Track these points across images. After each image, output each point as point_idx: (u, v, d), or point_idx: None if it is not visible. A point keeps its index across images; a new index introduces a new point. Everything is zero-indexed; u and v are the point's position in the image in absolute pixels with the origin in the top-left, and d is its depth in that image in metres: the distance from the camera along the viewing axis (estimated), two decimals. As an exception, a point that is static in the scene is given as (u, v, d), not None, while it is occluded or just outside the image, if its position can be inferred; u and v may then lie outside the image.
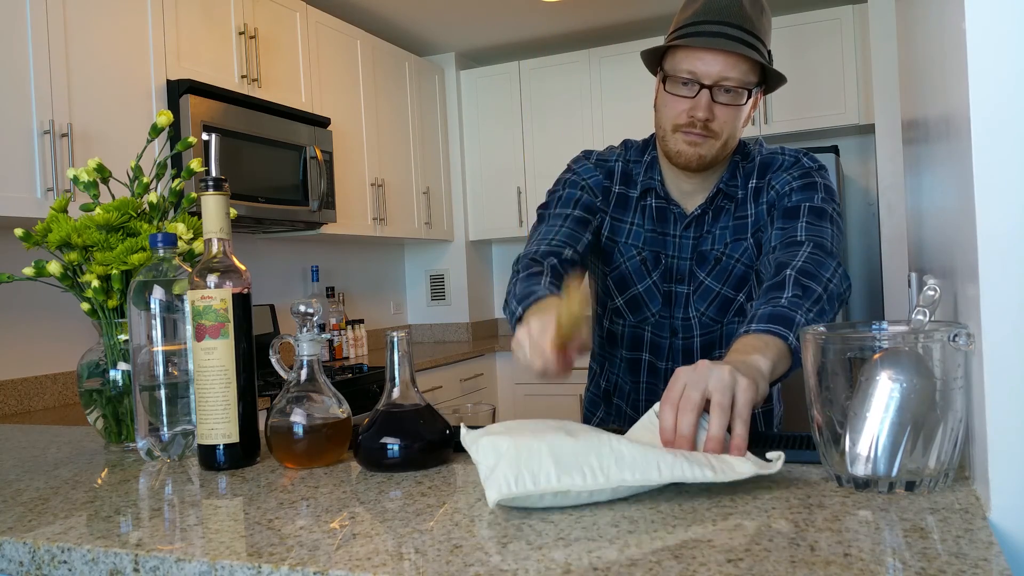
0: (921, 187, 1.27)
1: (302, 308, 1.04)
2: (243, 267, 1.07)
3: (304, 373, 1.05)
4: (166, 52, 2.66)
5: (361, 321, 3.98)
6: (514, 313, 1.17)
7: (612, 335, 1.48)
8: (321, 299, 3.81)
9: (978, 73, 0.69)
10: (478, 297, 4.69)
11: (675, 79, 1.25)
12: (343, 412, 1.05)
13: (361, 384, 3.09)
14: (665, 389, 0.91)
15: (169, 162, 1.35)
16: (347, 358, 3.82)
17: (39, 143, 2.21)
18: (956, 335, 0.73)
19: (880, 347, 0.80)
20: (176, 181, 1.30)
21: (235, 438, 1.04)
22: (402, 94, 4.11)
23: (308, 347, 1.05)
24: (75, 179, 1.26)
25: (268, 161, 2.99)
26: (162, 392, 1.10)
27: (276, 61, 3.19)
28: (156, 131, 1.29)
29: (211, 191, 1.05)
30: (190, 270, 1.08)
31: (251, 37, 3.02)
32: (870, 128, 3.79)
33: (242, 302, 1.06)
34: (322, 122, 3.32)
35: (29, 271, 1.21)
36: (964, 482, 0.80)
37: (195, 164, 1.31)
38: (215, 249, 1.06)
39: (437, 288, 4.60)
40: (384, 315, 4.45)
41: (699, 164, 1.29)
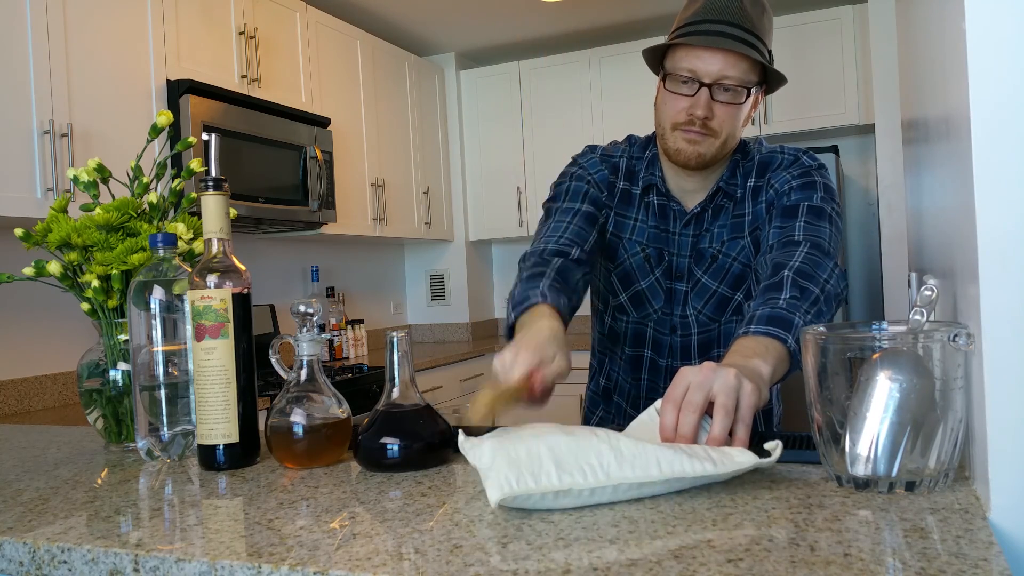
0: (921, 187, 1.27)
1: (302, 308, 1.04)
2: (243, 267, 1.07)
3: (304, 373, 1.05)
4: (166, 52, 2.66)
5: (361, 321, 3.98)
6: (508, 317, 1.19)
7: (614, 332, 1.48)
8: (321, 299, 3.81)
9: (978, 73, 0.69)
10: (478, 297, 4.69)
11: (675, 77, 1.26)
12: (343, 412, 1.05)
13: (361, 384, 3.09)
14: (668, 387, 0.91)
15: (169, 162, 1.35)
16: (347, 358, 3.82)
17: (39, 143, 2.21)
18: (956, 335, 0.73)
19: (880, 347, 0.80)
20: (176, 181, 1.30)
21: (235, 438, 1.04)
22: (402, 94, 4.11)
23: (308, 347, 1.05)
24: (75, 179, 1.26)
25: (268, 161, 2.99)
26: (162, 392, 1.10)
27: (276, 61, 3.19)
28: (156, 131, 1.29)
29: (211, 191, 1.05)
30: (190, 270, 1.08)
31: (251, 37, 3.02)
32: (870, 128, 3.79)
33: (242, 302, 1.06)
34: (322, 122, 3.32)
35: (29, 271, 1.21)
36: (964, 482, 0.80)
37: (195, 164, 1.31)
38: (215, 249, 1.06)
39: (437, 288, 4.60)
40: (384, 315, 4.45)
41: (698, 162, 1.29)
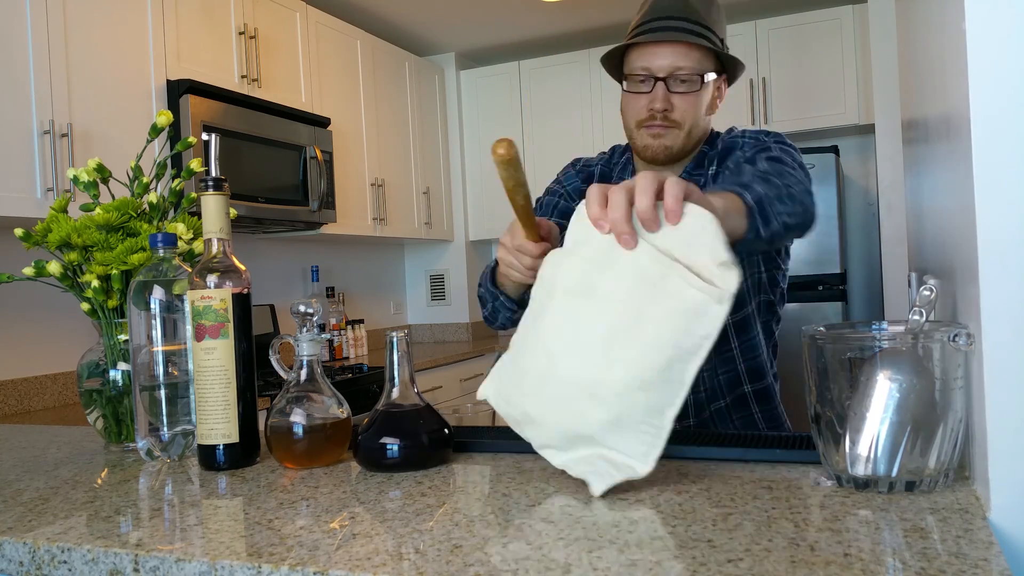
0: (921, 187, 1.27)
1: (302, 308, 1.04)
2: (243, 267, 1.07)
3: (304, 373, 1.05)
4: (166, 52, 2.66)
5: (361, 321, 3.98)
6: (484, 275, 1.26)
7: None
8: (321, 299, 3.81)
9: (978, 73, 0.69)
10: (478, 297, 4.68)
11: (632, 78, 1.31)
12: (343, 412, 1.05)
13: (361, 384, 3.09)
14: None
15: (169, 162, 1.35)
16: (347, 358, 3.82)
17: (39, 143, 2.21)
18: (956, 335, 0.73)
19: (880, 347, 0.80)
20: (176, 181, 1.30)
21: (235, 438, 1.04)
22: (402, 94, 4.11)
23: (308, 347, 1.05)
24: (75, 179, 1.26)
25: (268, 161, 2.99)
26: (162, 392, 1.10)
27: (276, 61, 3.19)
28: (156, 131, 1.29)
29: (211, 191, 1.05)
30: (190, 270, 1.08)
31: (251, 37, 3.02)
32: (870, 128, 3.79)
33: (242, 302, 1.06)
34: (322, 122, 3.32)
35: (29, 271, 1.21)
36: (964, 482, 0.80)
37: (195, 164, 1.31)
38: (215, 249, 1.06)
39: (437, 288, 4.60)
40: (384, 315, 4.45)
41: (666, 155, 1.33)
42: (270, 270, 3.61)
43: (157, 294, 1.10)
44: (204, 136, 2.69)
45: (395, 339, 1.00)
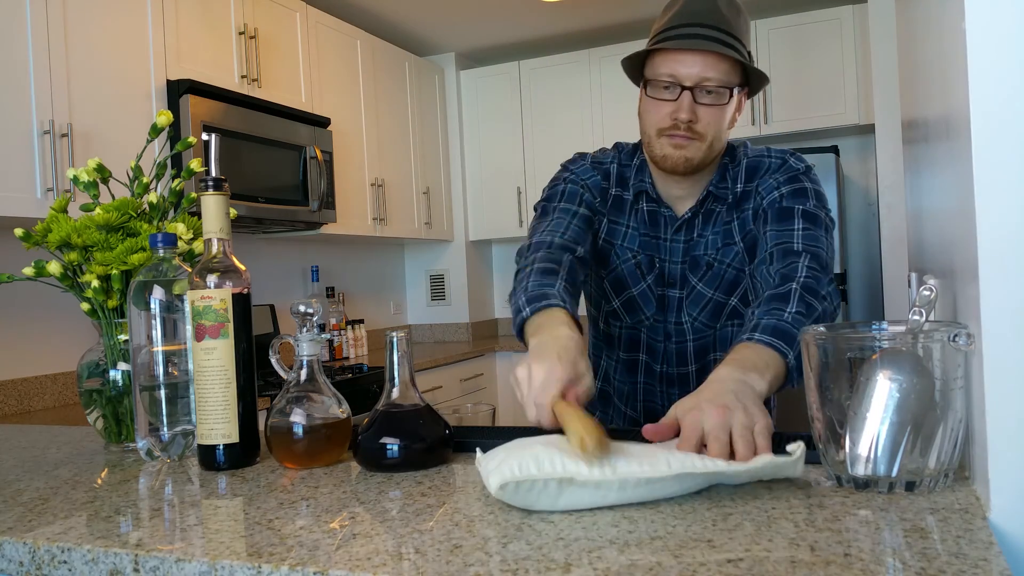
0: (921, 187, 1.27)
1: (302, 308, 1.04)
2: (243, 267, 1.07)
3: (304, 373, 1.05)
4: (166, 52, 2.66)
5: (361, 321, 3.98)
6: (520, 311, 1.14)
7: (609, 337, 1.48)
8: (321, 299, 3.81)
9: (978, 73, 0.69)
10: (478, 297, 4.69)
11: (656, 83, 1.26)
12: (343, 412, 1.05)
13: (361, 384, 3.09)
14: (683, 431, 0.86)
15: (169, 162, 1.35)
16: (347, 358, 3.82)
17: (39, 143, 2.21)
18: (956, 335, 0.73)
19: (879, 347, 0.80)
20: (176, 181, 1.30)
21: (235, 438, 1.04)
22: (402, 94, 4.11)
23: (308, 347, 1.05)
24: (75, 179, 1.26)
25: (268, 161, 2.99)
26: (162, 392, 1.10)
27: (276, 61, 3.19)
28: (156, 131, 1.29)
29: (211, 191, 1.05)
30: (190, 270, 1.08)
31: (251, 37, 3.02)
32: (870, 128, 3.79)
33: (242, 302, 1.06)
34: (322, 122, 3.32)
35: (29, 271, 1.21)
36: (964, 482, 0.80)
37: (195, 164, 1.31)
38: (215, 249, 1.06)
39: (437, 288, 4.60)
40: (384, 315, 4.45)
41: (686, 167, 1.28)
42: (270, 270, 3.61)
43: (157, 294, 1.10)
44: (204, 136, 2.69)
45: (395, 339, 1.00)
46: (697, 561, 0.63)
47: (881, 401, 0.76)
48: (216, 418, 1.03)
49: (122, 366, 1.19)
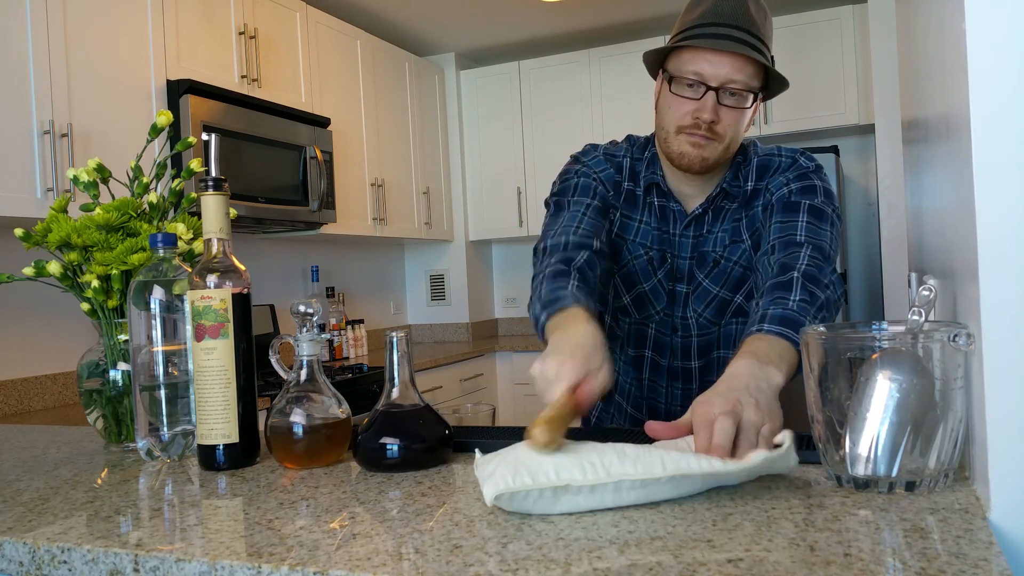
0: (921, 187, 1.27)
1: (302, 308, 1.04)
2: (243, 267, 1.07)
3: (304, 373, 1.05)
4: (166, 52, 2.66)
5: (361, 321, 3.98)
6: (538, 319, 1.15)
7: (614, 333, 1.48)
8: (321, 299, 3.81)
9: (978, 73, 0.69)
10: (478, 297, 4.69)
11: (680, 80, 1.24)
12: (343, 412, 1.05)
13: (361, 384, 3.09)
14: (696, 419, 0.87)
15: (169, 162, 1.35)
16: (347, 358, 3.82)
17: (39, 143, 2.21)
18: (956, 335, 0.73)
19: (879, 347, 0.80)
20: (176, 181, 1.30)
21: (235, 438, 1.04)
22: (402, 94, 4.11)
23: (308, 347, 1.05)
24: (75, 179, 1.26)
25: (268, 161, 2.99)
26: (162, 392, 1.10)
27: (276, 61, 3.19)
28: (156, 131, 1.29)
29: (211, 191, 1.05)
30: (190, 270, 1.08)
31: (251, 37, 3.02)
32: (870, 128, 3.79)
33: (242, 302, 1.06)
34: (322, 122, 3.32)
35: (29, 271, 1.21)
36: (964, 482, 0.80)
37: (195, 164, 1.31)
38: (215, 249, 1.06)
39: (437, 288, 4.60)
40: (384, 315, 4.45)
41: (701, 167, 1.28)
42: (270, 270, 3.61)
43: (157, 294, 1.10)
44: (204, 136, 2.68)
45: (395, 339, 1.00)
46: (697, 561, 0.63)
47: (881, 401, 0.76)
48: (216, 418, 1.03)
49: (122, 366, 1.19)
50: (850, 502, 0.76)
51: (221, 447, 1.03)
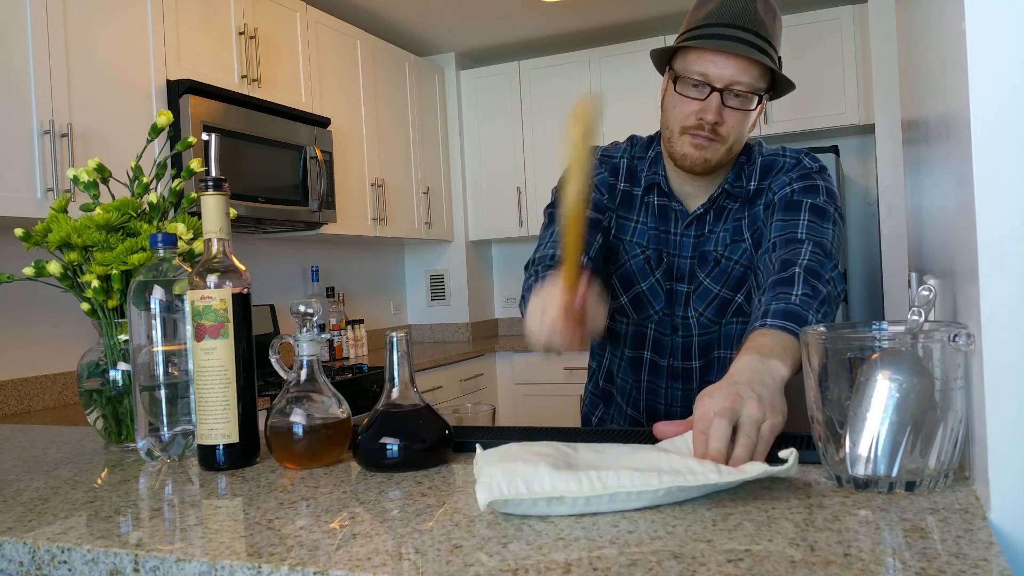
0: (921, 187, 1.27)
1: (302, 308, 1.04)
2: (243, 267, 1.07)
3: (304, 373, 1.05)
4: (166, 52, 2.66)
5: (361, 321, 3.98)
6: (525, 304, 1.15)
7: (614, 333, 1.48)
8: (321, 299, 3.81)
9: (978, 73, 0.69)
10: (478, 297, 4.69)
11: (686, 80, 1.24)
12: (343, 412, 1.05)
13: (361, 384, 3.09)
14: (695, 418, 0.87)
15: (169, 162, 1.35)
16: (347, 358, 3.82)
17: (39, 143, 2.21)
18: (956, 335, 0.73)
19: (879, 347, 0.80)
20: (176, 181, 1.30)
21: (235, 438, 1.04)
22: (402, 94, 4.11)
23: (308, 347, 1.05)
24: (75, 179, 1.26)
25: (268, 161, 2.99)
26: (162, 392, 1.10)
27: (276, 61, 3.19)
28: (156, 131, 1.29)
29: (211, 191, 1.05)
30: (190, 270, 1.08)
31: (251, 37, 3.02)
32: (870, 128, 3.79)
33: (242, 302, 1.06)
34: (322, 122, 3.32)
35: (29, 271, 1.21)
36: (964, 482, 0.80)
37: (195, 164, 1.31)
38: (215, 249, 1.06)
39: (437, 288, 4.61)
40: (384, 315, 4.45)
41: (704, 168, 1.28)
42: (270, 270, 3.61)
43: (157, 294, 1.10)
44: (204, 136, 2.69)
45: (395, 339, 1.00)
46: (697, 561, 0.63)
47: (881, 401, 0.76)
48: (216, 418, 1.03)
49: (122, 366, 1.19)
50: (850, 502, 0.76)
51: (221, 447, 1.03)
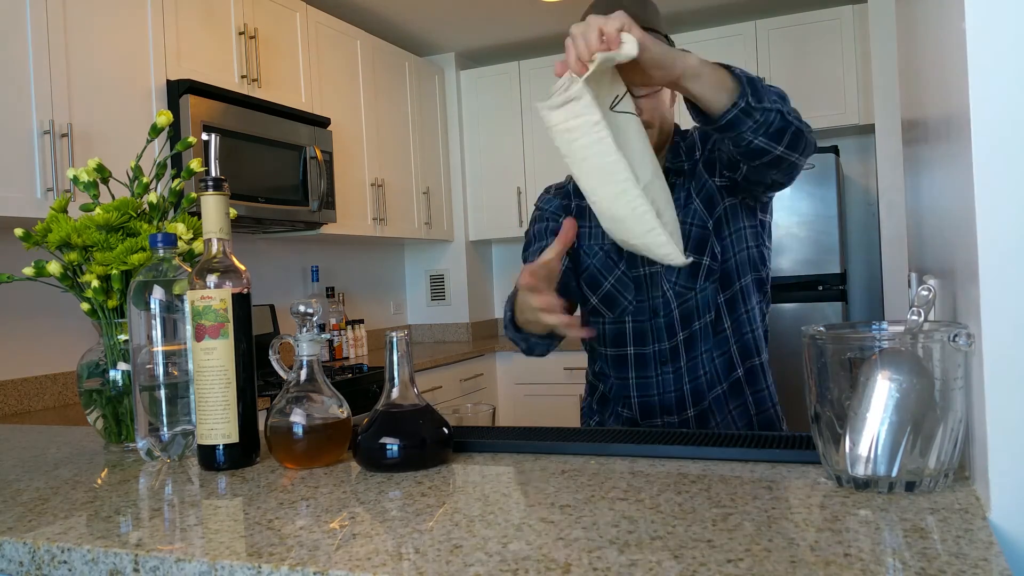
0: (921, 187, 1.27)
1: (302, 308, 1.04)
2: (243, 267, 1.07)
3: (304, 373, 1.05)
4: (166, 52, 2.66)
5: (361, 321, 3.98)
6: (507, 319, 1.28)
7: (592, 340, 1.53)
8: (321, 299, 3.81)
9: (978, 73, 0.69)
10: (478, 297, 4.69)
11: None
12: (343, 412, 1.05)
13: (361, 384, 3.09)
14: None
15: (169, 162, 1.36)
16: (347, 358, 3.82)
17: (39, 143, 2.21)
18: (956, 335, 0.73)
19: (879, 347, 0.80)
20: (176, 181, 1.30)
21: (235, 438, 1.04)
22: (402, 94, 4.11)
23: (308, 347, 1.05)
24: (75, 179, 1.26)
25: (268, 161, 2.99)
26: (162, 392, 1.10)
27: (276, 61, 3.19)
28: (156, 131, 1.29)
29: (211, 191, 1.05)
30: (190, 270, 1.08)
31: (251, 37, 3.02)
32: (870, 128, 3.79)
33: (242, 302, 1.06)
34: (322, 122, 3.32)
35: (29, 271, 1.21)
36: (964, 482, 0.80)
37: (195, 164, 1.31)
38: (215, 249, 1.06)
39: (437, 288, 4.60)
40: (384, 315, 4.45)
41: None
42: (270, 270, 3.61)
43: (157, 294, 1.10)
44: (204, 136, 2.68)
45: (395, 339, 1.00)
46: (697, 561, 0.63)
47: (881, 401, 0.76)
48: (216, 418, 1.03)
49: (122, 366, 1.19)
50: (850, 502, 0.76)
51: (221, 447, 1.03)
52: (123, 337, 1.20)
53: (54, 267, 1.20)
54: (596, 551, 0.66)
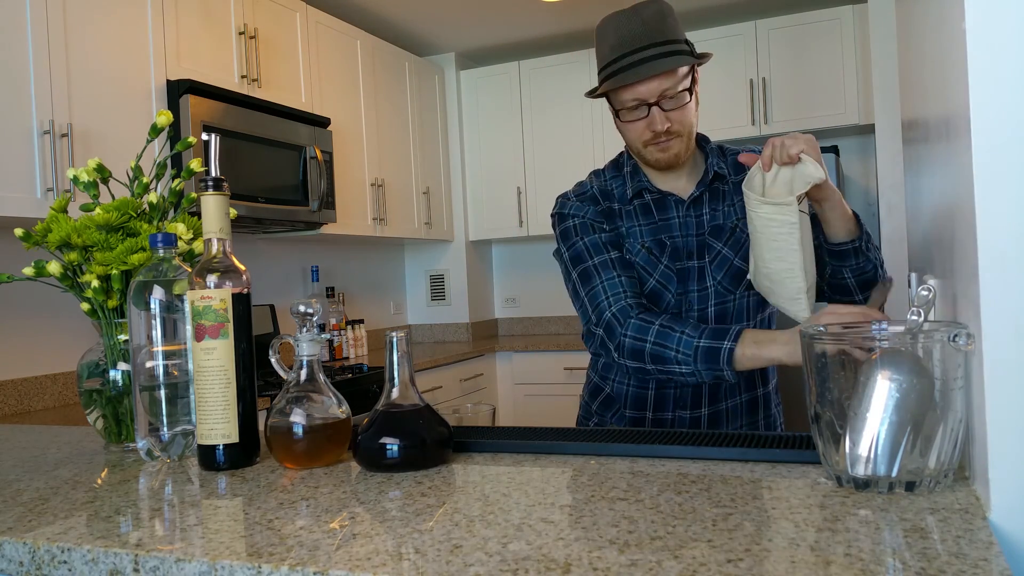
0: (921, 187, 1.27)
1: (302, 308, 1.04)
2: (243, 267, 1.07)
3: (304, 373, 1.05)
4: (166, 52, 2.66)
5: (361, 321, 3.98)
6: (715, 355, 1.28)
7: None
8: (321, 299, 3.81)
9: (978, 73, 0.69)
10: (478, 297, 4.69)
11: (624, 109, 1.39)
12: (343, 412, 1.05)
13: (361, 384, 3.09)
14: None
15: (169, 162, 1.36)
16: (347, 358, 3.82)
17: (39, 143, 2.21)
18: (956, 335, 0.73)
19: (879, 347, 0.80)
20: (176, 181, 1.30)
21: (235, 438, 1.04)
22: (402, 94, 4.11)
23: (308, 347, 1.05)
24: (75, 179, 1.26)
25: (268, 161, 2.99)
26: (162, 392, 1.10)
27: (276, 61, 3.19)
28: (156, 131, 1.29)
29: (211, 191, 1.05)
30: (190, 270, 1.08)
31: (251, 37, 3.02)
32: (870, 128, 3.79)
33: (242, 302, 1.06)
34: (322, 122, 3.32)
35: (29, 271, 1.21)
36: (964, 482, 0.80)
37: (195, 164, 1.31)
38: (215, 249, 1.06)
39: (437, 288, 4.60)
40: (384, 315, 4.45)
41: (677, 161, 1.43)
42: (270, 270, 3.61)
43: (157, 294, 1.10)
44: (204, 136, 2.68)
45: (395, 339, 1.00)
46: (697, 561, 0.63)
47: (881, 401, 0.76)
48: (216, 418, 1.03)
49: (122, 366, 1.19)
50: (850, 502, 0.76)
51: (221, 447, 1.03)
52: (123, 337, 1.20)
53: (54, 267, 1.20)
54: (596, 551, 0.66)
